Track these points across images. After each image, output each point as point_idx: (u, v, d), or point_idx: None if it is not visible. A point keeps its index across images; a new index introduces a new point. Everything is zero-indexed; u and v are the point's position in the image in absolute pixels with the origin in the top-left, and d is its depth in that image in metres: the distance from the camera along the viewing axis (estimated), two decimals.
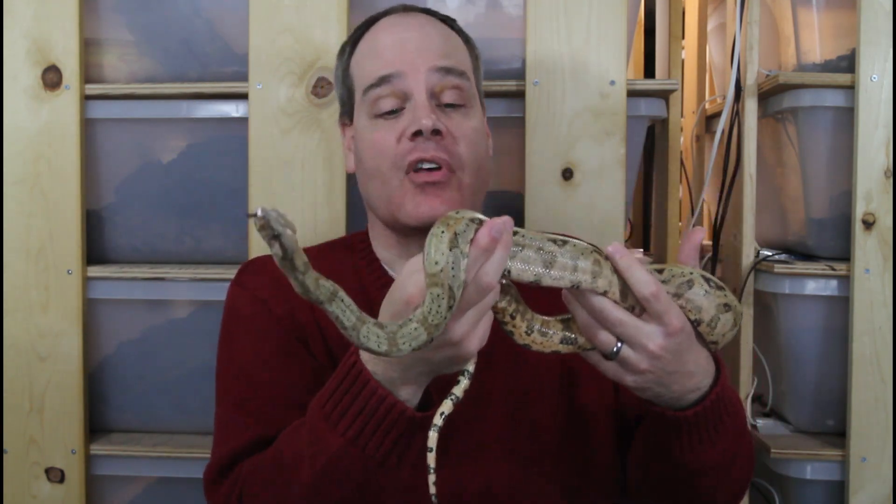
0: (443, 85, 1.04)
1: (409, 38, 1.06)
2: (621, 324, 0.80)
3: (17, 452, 1.51)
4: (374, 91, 1.04)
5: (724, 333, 0.84)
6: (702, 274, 0.82)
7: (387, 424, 0.83)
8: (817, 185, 1.57)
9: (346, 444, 0.84)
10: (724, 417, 0.89)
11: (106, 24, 1.53)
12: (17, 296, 1.50)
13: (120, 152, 1.54)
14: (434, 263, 0.75)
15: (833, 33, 1.57)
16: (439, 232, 0.76)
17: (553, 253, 0.80)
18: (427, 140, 1.00)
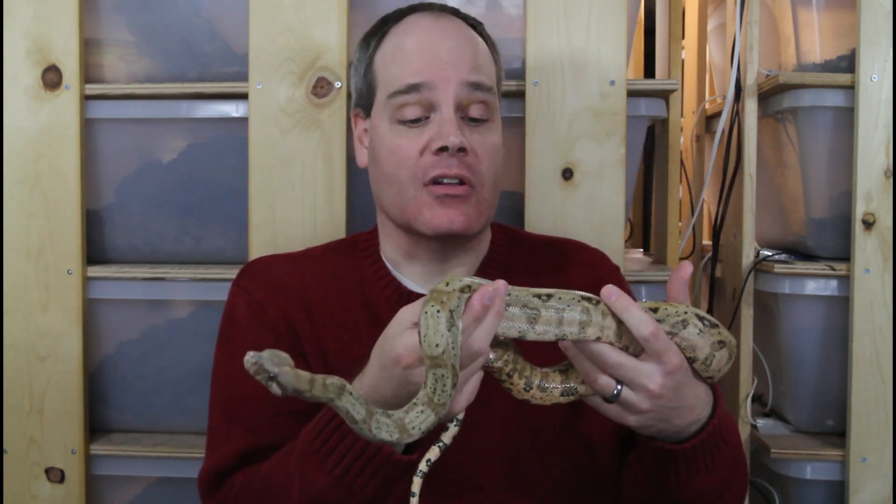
0: (470, 99, 1.03)
1: (441, 46, 1.03)
2: (620, 367, 0.81)
3: (17, 452, 1.51)
4: (400, 98, 1.03)
5: (720, 369, 0.85)
6: (696, 312, 0.82)
7: (373, 466, 0.84)
8: (817, 185, 1.57)
9: (334, 482, 0.86)
10: (721, 446, 0.89)
11: (106, 24, 1.53)
12: (17, 296, 1.50)
13: (120, 152, 1.54)
14: (435, 346, 0.75)
15: (833, 33, 1.57)
16: (434, 311, 0.76)
17: (537, 308, 0.80)
18: (451, 156, 1.00)
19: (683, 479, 0.89)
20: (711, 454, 0.89)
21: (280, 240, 1.44)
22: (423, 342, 0.76)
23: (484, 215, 1.04)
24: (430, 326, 0.75)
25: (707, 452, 0.88)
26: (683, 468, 0.89)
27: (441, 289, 0.77)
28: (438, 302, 0.76)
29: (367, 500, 0.86)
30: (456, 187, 1.01)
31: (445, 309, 0.76)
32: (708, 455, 0.88)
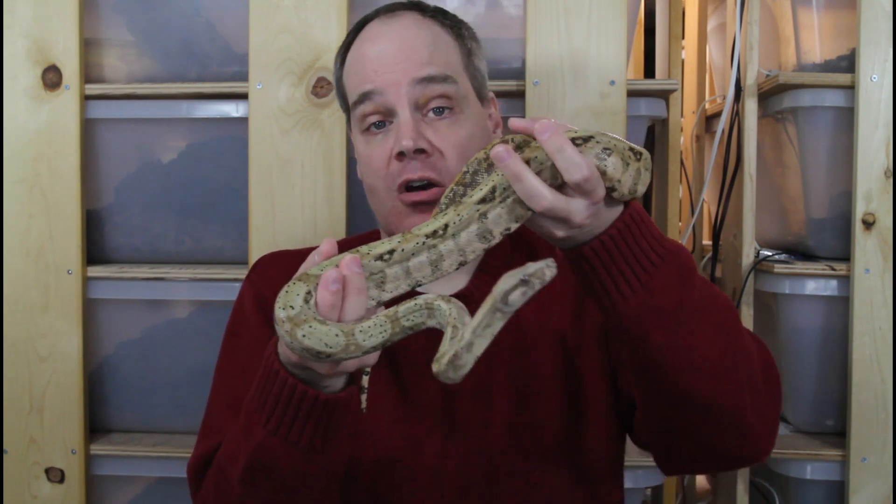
0: (427, 95, 1.01)
1: (388, 49, 1.03)
2: (551, 212, 0.76)
3: (17, 452, 1.51)
4: (359, 108, 1.04)
5: (639, 190, 0.80)
6: (625, 144, 0.78)
7: (304, 411, 0.83)
8: (817, 185, 1.57)
9: (268, 436, 0.85)
10: (648, 251, 0.81)
11: (106, 24, 1.53)
12: (17, 296, 1.50)
13: (120, 152, 1.54)
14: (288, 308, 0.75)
15: (833, 33, 1.57)
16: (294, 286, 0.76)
17: (382, 271, 0.79)
18: (412, 159, 1.00)
19: (616, 297, 0.80)
20: (636, 258, 0.80)
21: (280, 240, 1.44)
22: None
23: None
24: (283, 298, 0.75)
25: (624, 249, 0.80)
26: (604, 274, 0.80)
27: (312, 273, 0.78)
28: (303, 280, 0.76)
29: (305, 450, 0.85)
30: (423, 192, 1.00)
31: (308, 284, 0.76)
32: (628, 254, 0.80)
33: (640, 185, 0.79)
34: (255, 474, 0.88)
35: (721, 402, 0.85)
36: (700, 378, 0.84)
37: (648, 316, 0.81)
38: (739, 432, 0.88)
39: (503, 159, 0.75)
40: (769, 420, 0.91)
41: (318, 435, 0.84)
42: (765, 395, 0.89)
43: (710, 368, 0.84)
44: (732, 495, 1.58)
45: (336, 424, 0.85)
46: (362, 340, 0.74)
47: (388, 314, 0.76)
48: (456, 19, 1.10)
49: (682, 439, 0.92)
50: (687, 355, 0.83)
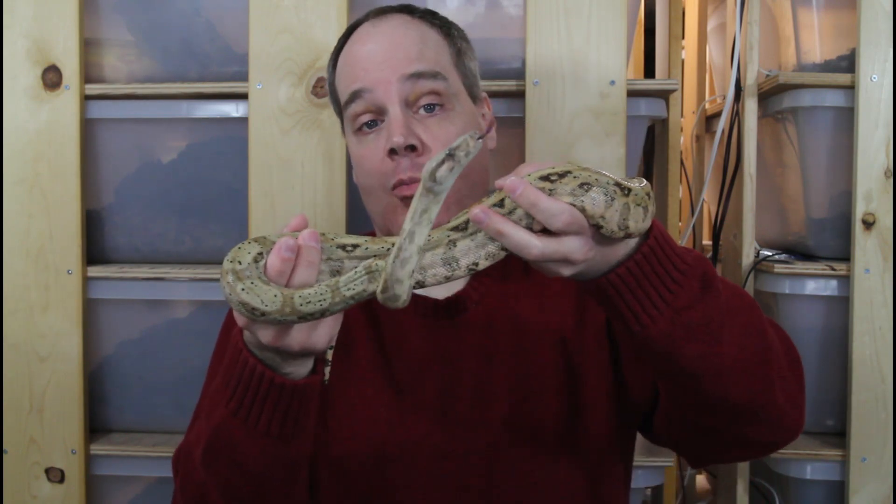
0: (416, 91, 1.02)
1: (377, 49, 1.04)
2: (544, 257, 0.75)
3: (17, 452, 1.51)
4: (350, 108, 1.04)
5: (639, 224, 0.77)
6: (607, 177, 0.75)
7: (262, 394, 0.83)
8: (817, 185, 1.57)
9: (229, 415, 0.85)
10: (672, 270, 0.80)
11: (106, 24, 1.53)
12: (17, 296, 1.50)
13: (120, 152, 1.54)
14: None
15: (833, 33, 1.57)
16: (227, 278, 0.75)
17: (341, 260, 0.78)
18: (403, 157, 1.00)
19: (646, 321, 0.80)
20: (661, 280, 0.80)
21: None
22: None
23: (452, 209, 1.00)
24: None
25: (650, 274, 0.79)
26: (632, 299, 0.80)
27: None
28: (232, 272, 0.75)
29: (263, 434, 0.85)
30: (413, 186, 1.00)
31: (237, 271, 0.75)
32: (654, 279, 0.79)
33: (631, 221, 0.75)
34: (215, 455, 0.88)
35: (755, 399, 0.86)
36: (733, 381, 0.84)
37: (679, 333, 0.81)
38: (773, 422, 0.89)
39: (482, 221, 0.74)
40: (798, 402, 0.92)
41: (276, 420, 0.84)
42: (791, 381, 0.91)
43: (742, 370, 0.84)
44: (732, 495, 1.58)
45: (296, 411, 0.85)
46: (299, 305, 0.73)
47: (329, 284, 0.75)
48: (445, 20, 1.11)
49: (716, 436, 0.93)
50: (719, 361, 0.83)
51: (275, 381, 0.82)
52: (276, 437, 0.85)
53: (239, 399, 0.84)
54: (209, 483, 0.90)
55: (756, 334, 0.86)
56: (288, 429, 0.85)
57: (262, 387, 0.83)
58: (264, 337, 0.78)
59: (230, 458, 0.87)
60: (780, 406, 0.88)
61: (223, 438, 0.87)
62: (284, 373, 0.83)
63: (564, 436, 1.03)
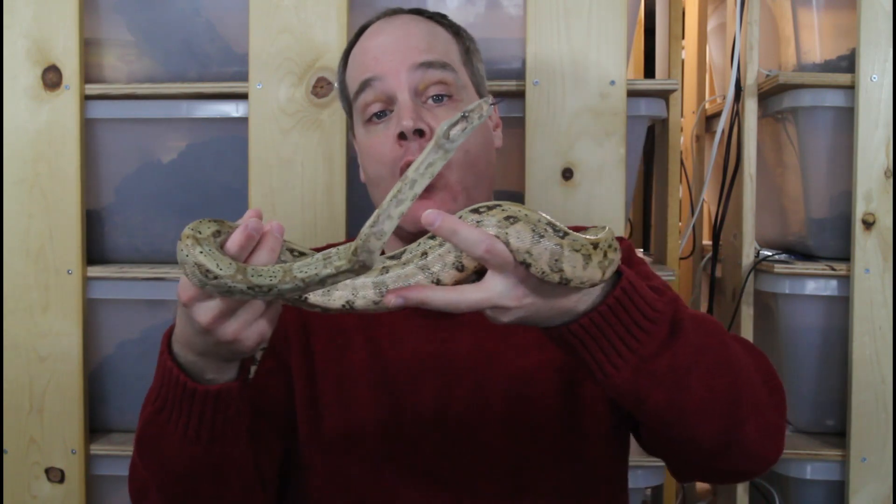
0: (425, 81, 1.03)
1: (388, 40, 1.06)
2: (478, 304, 0.73)
3: (17, 452, 1.51)
4: (360, 98, 1.05)
5: (584, 275, 0.72)
6: (540, 216, 0.72)
7: (178, 398, 0.84)
8: (817, 185, 1.57)
9: (154, 413, 0.86)
10: (640, 319, 0.78)
11: (106, 24, 1.53)
12: (17, 296, 1.50)
13: (120, 152, 1.54)
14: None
15: (833, 33, 1.57)
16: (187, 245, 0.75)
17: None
18: (412, 141, 1.00)
19: (609, 370, 0.77)
20: (628, 329, 0.77)
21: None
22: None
23: (461, 199, 1.02)
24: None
25: (615, 325, 0.77)
26: (595, 349, 0.77)
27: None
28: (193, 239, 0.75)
29: (182, 437, 0.85)
30: None
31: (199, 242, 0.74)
32: (619, 329, 0.77)
33: (566, 265, 0.71)
34: (145, 450, 0.89)
35: (724, 437, 0.85)
36: (700, 422, 0.83)
37: (644, 382, 0.79)
38: (746, 454, 0.88)
39: (399, 306, 0.72)
40: (775, 434, 0.90)
41: (192, 424, 0.84)
42: (770, 411, 0.89)
43: (711, 411, 0.83)
44: (732, 495, 1.59)
45: (210, 418, 0.85)
46: (251, 275, 0.73)
47: (283, 265, 0.75)
48: (455, 23, 1.13)
49: (689, 464, 0.93)
50: (686, 406, 0.81)
51: (187, 386, 0.83)
52: (194, 441, 0.86)
53: (163, 400, 0.85)
54: (146, 476, 0.91)
55: (726, 373, 0.83)
56: (205, 433, 0.85)
57: (177, 392, 0.83)
58: (203, 316, 0.76)
59: (156, 454, 0.88)
60: (753, 440, 0.86)
61: (150, 434, 0.88)
62: (207, 379, 0.83)
63: (562, 436, 1.03)
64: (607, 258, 0.74)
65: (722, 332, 0.87)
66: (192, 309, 0.76)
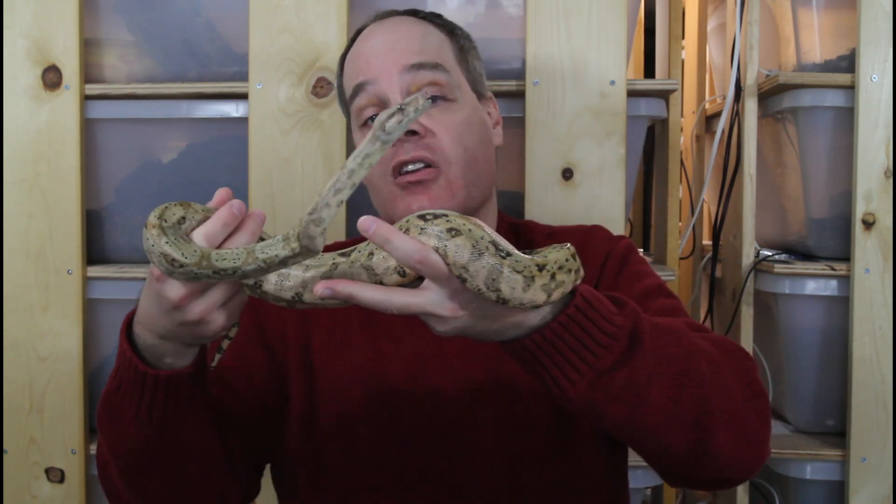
0: (417, 82, 1.03)
1: (379, 43, 1.06)
2: (409, 308, 0.73)
3: (17, 452, 1.51)
4: (355, 102, 1.06)
5: (524, 296, 0.71)
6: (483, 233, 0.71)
7: (130, 380, 0.84)
8: (817, 185, 1.57)
9: (112, 390, 0.86)
10: (597, 334, 0.76)
11: (106, 24, 1.53)
12: (17, 296, 1.50)
13: (120, 152, 1.54)
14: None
15: (833, 33, 1.57)
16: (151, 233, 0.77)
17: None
18: (405, 142, 1.00)
19: (564, 384, 0.76)
20: (583, 344, 0.75)
21: None
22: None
23: (460, 195, 1.02)
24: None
25: (570, 340, 0.75)
26: (550, 364, 0.76)
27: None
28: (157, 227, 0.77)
29: (134, 418, 0.85)
30: (418, 172, 1.00)
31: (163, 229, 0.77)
32: (574, 344, 0.75)
33: (504, 285, 0.70)
34: (103, 420, 0.89)
35: (697, 448, 0.82)
36: (664, 434, 0.81)
37: (600, 396, 0.77)
38: (721, 464, 0.85)
39: (327, 297, 0.74)
40: (755, 441, 0.86)
41: (143, 407, 0.84)
42: (748, 418, 0.85)
43: (678, 423, 0.80)
44: (732, 495, 1.59)
45: (162, 401, 0.84)
46: (215, 260, 0.74)
47: (246, 247, 0.77)
48: (450, 22, 1.13)
49: (665, 472, 0.91)
50: (649, 420, 0.79)
51: (139, 369, 0.83)
52: (146, 424, 0.85)
53: (119, 380, 0.85)
54: (105, 448, 0.92)
55: (692, 383, 0.80)
56: (156, 416, 0.85)
57: (131, 374, 0.84)
58: (174, 292, 0.76)
59: (113, 431, 0.89)
60: (728, 450, 0.83)
61: (107, 412, 0.88)
62: (165, 363, 0.83)
63: (556, 435, 1.03)
64: (555, 280, 0.72)
65: (689, 340, 0.83)
66: (163, 285, 0.77)
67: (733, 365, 0.86)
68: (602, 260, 1.07)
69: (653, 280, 1.05)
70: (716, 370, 0.83)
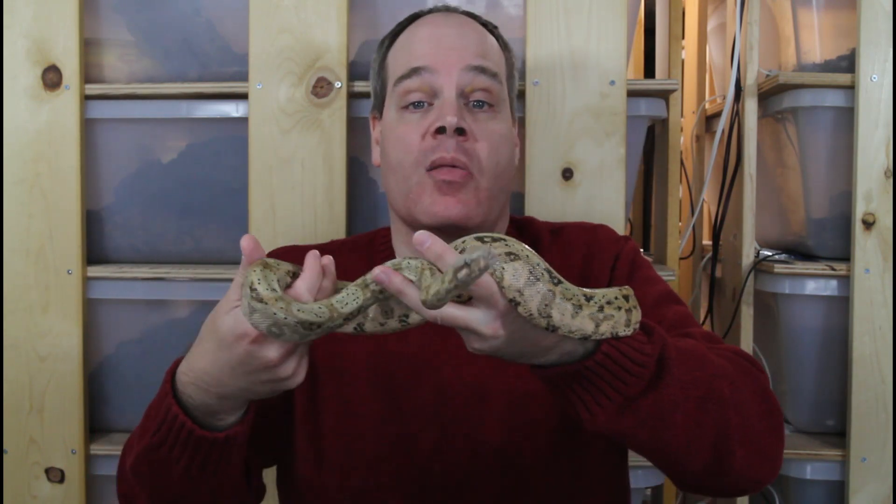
0: (473, 85, 1.04)
1: (445, 34, 1.06)
2: (444, 320, 0.74)
3: (17, 452, 1.51)
4: (404, 83, 1.04)
5: (573, 324, 0.74)
6: (534, 258, 0.74)
7: (181, 442, 0.85)
8: (817, 185, 1.57)
9: (154, 447, 0.87)
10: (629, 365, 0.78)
11: (106, 24, 1.53)
12: (17, 296, 1.50)
13: (120, 152, 1.54)
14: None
15: (833, 33, 1.57)
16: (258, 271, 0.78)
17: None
18: (450, 138, 1.00)
19: (595, 409, 0.78)
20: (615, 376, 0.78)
21: (280, 240, 1.44)
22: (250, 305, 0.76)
23: (484, 205, 1.02)
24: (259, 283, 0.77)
25: (603, 373, 0.78)
26: (582, 391, 0.78)
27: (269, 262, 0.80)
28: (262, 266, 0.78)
29: (181, 474, 0.86)
30: (454, 171, 1.00)
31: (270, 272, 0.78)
32: (607, 376, 0.78)
33: (555, 312, 0.73)
34: (141, 471, 0.90)
35: (714, 467, 0.84)
36: (689, 455, 0.83)
37: (628, 421, 0.79)
38: (736, 480, 0.87)
39: (383, 281, 0.75)
40: (769, 457, 0.89)
41: (195, 465, 0.86)
42: (763, 437, 0.88)
43: (699, 445, 0.82)
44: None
45: (215, 461, 0.86)
46: (341, 308, 0.76)
47: (357, 283, 0.78)
48: (503, 37, 1.14)
49: (681, 484, 0.93)
50: (672, 442, 0.81)
51: (194, 434, 0.84)
52: (196, 478, 0.87)
53: (162, 437, 0.86)
54: (137, 489, 0.92)
55: (714, 406, 0.83)
56: (208, 473, 0.87)
57: (181, 435, 0.85)
58: (273, 353, 0.77)
59: (154, 478, 0.89)
60: (743, 466, 0.85)
61: (146, 464, 0.89)
62: (216, 420, 0.85)
63: (561, 435, 1.03)
64: (603, 312, 0.75)
65: (711, 362, 0.85)
66: (261, 346, 0.77)
67: (750, 382, 0.89)
68: (611, 262, 1.08)
69: (662, 287, 1.06)
70: (735, 390, 0.85)
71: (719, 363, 0.86)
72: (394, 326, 0.81)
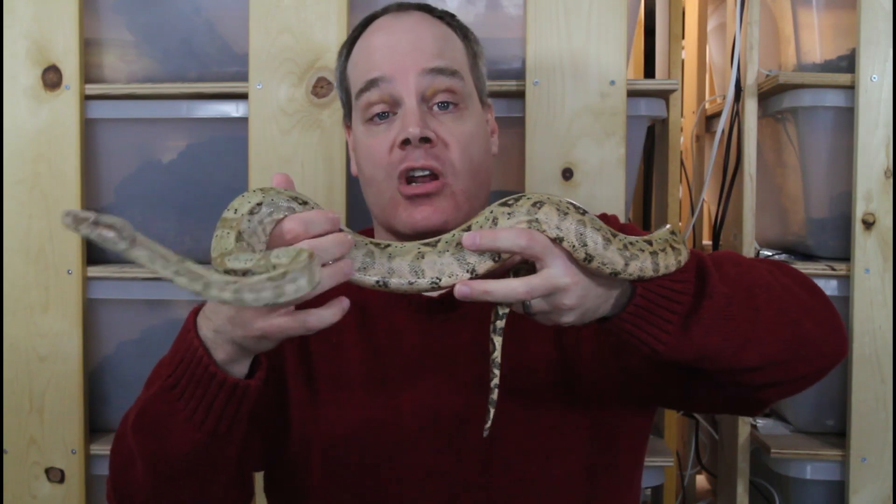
0: (434, 87, 1.02)
1: (398, 39, 1.04)
2: (531, 293, 0.78)
3: (17, 452, 1.51)
4: (364, 96, 1.03)
5: (597, 244, 0.78)
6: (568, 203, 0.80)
7: (197, 381, 0.84)
8: (817, 185, 1.57)
9: (166, 389, 0.86)
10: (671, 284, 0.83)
11: (106, 24, 1.53)
12: (17, 296, 1.50)
13: (120, 152, 1.54)
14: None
15: (833, 33, 1.57)
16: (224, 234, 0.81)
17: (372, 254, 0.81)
18: (416, 148, 0.99)
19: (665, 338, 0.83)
20: (669, 299, 0.83)
21: None
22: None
23: (463, 208, 1.02)
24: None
25: (656, 307, 0.82)
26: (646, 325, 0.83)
27: (228, 217, 0.81)
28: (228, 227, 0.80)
29: (188, 419, 0.85)
30: (426, 184, 1.00)
31: (234, 230, 0.79)
32: (660, 310, 0.82)
33: (589, 240, 0.78)
34: (145, 423, 0.89)
35: (792, 343, 0.87)
36: (764, 340, 0.86)
37: (696, 337, 0.83)
38: (815, 352, 0.90)
39: (466, 296, 0.78)
40: (835, 325, 0.92)
41: (201, 410, 0.85)
42: (819, 309, 0.91)
43: (767, 327, 0.86)
44: (732, 495, 1.59)
45: (231, 414, 0.85)
46: (230, 263, 0.78)
47: (265, 252, 0.77)
48: (463, 25, 1.11)
49: (765, 386, 0.93)
50: (742, 334, 0.85)
51: (209, 369, 0.83)
52: (198, 427, 0.85)
53: (177, 377, 0.85)
54: (136, 450, 0.91)
55: (763, 290, 0.87)
56: (210, 421, 0.85)
57: (197, 371, 0.84)
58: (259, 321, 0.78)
59: (157, 430, 0.88)
60: (816, 336, 0.89)
61: (156, 408, 0.87)
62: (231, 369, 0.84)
63: (561, 433, 1.03)
64: (628, 250, 0.80)
65: (743, 259, 0.91)
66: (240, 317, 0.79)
67: (787, 270, 0.94)
68: None
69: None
70: (774, 275, 0.90)
71: (752, 261, 0.92)
72: (423, 286, 0.81)
